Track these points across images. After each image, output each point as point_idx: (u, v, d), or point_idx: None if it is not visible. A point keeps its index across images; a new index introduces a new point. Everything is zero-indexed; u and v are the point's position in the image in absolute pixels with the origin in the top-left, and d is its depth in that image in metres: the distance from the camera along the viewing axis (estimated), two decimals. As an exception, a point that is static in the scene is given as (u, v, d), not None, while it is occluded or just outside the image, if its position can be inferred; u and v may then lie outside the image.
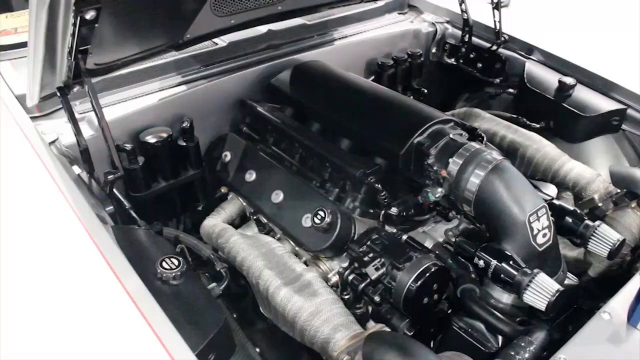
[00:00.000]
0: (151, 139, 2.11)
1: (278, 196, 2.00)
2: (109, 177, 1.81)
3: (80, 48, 1.58)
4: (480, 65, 2.84)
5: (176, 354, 1.20)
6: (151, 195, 2.17)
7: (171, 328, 1.26)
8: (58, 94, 1.78)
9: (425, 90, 2.85)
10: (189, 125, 2.18)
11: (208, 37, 2.20)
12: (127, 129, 2.12)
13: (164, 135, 2.13)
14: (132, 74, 2.22)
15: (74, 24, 1.43)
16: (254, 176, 2.12)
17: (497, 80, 2.80)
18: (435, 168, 1.82)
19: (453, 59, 2.95)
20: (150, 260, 1.51)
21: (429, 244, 1.93)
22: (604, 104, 2.40)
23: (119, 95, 2.19)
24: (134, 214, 1.89)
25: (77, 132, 1.82)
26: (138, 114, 2.15)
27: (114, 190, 1.89)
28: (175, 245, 1.90)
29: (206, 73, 2.36)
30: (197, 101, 2.29)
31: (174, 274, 1.47)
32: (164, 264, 1.49)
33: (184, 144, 2.20)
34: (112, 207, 1.84)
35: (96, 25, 1.48)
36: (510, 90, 2.78)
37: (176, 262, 1.50)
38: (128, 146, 2.03)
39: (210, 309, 1.48)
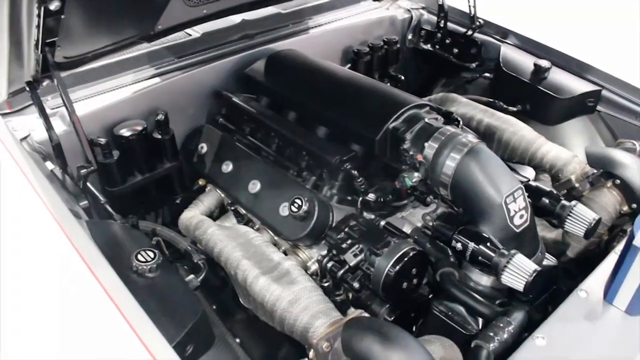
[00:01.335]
0: (125, 133, 2.08)
1: (255, 186, 1.99)
2: (82, 171, 1.78)
3: (47, 40, 1.55)
4: (456, 50, 2.85)
5: (153, 347, 1.18)
6: (127, 189, 2.15)
7: (147, 321, 1.24)
8: (27, 89, 1.75)
9: (403, 77, 2.84)
10: (163, 117, 2.15)
11: (180, 28, 2.17)
12: (100, 123, 2.09)
13: (139, 128, 2.10)
14: (105, 67, 2.19)
15: (39, 15, 1.40)
16: (230, 167, 2.11)
17: (473, 65, 2.81)
18: (411, 153, 1.81)
19: (429, 45, 2.95)
20: (125, 254, 1.49)
21: (407, 229, 1.93)
22: (579, 86, 2.42)
23: (92, 89, 2.16)
24: (109, 208, 1.87)
25: (49, 127, 1.80)
26: (112, 107, 2.12)
27: (88, 184, 1.86)
28: (152, 238, 1.89)
29: (180, 64, 2.33)
30: (172, 93, 2.27)
31: (149, 267, 1.46)
32: (139, 256, 1.47)
33: (159, 136, 2.17)
34: (86, 201, 1.81)
35: (62, 16, 1.45)
36: (487, 74, 2.79)
37: (152, 255, 1.49)
38: (102, 140, 2.00)
39: (188, 301, 1.47)
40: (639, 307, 1.40)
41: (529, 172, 2.35)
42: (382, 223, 1.86)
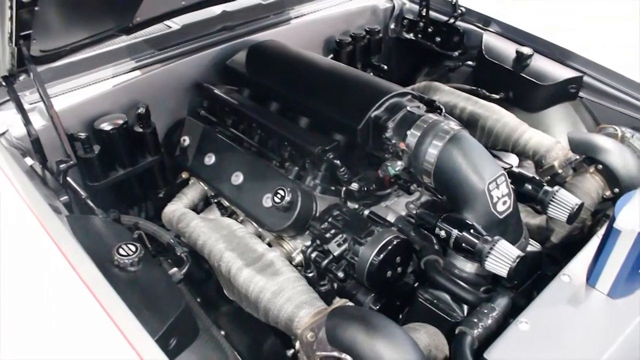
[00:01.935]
0: (106, 127, 2.06)
1: (238, 178, 1.98)
2: (61, 166, 1.76)
3: (22, 33, 1.53)
4: (439, 39, 2.84)
5: (135, 341, 1.17)
6: (109, 183, 2.13)
7: (129, 315, 1.23)
8: (3, 83, 1.73)
9: (385, 67, 2.83)
10: (144, 110, 2.13)
11: (159, 20, 2.15)
12: (80, 117, 2.07)
13: (119, 122, 2.08)
14: (84, 61, 2.17)
15: (11, 7, 1.37)
16: (213, 159, 2.10)
17: (456, 53, 2.80)
18: (393, 141, 1.81)
19: (411, 34, 2.94)
20: (106, 248, 1.47)
21: (391, 218, 1.93)
22: (561, 72, 2.42)
23: (71, 83, 2.14)
24: (90, 203, 1.85)
25: (27, 122, 1.77)
26: (91, 101, 2.10)
27: (69, 179, 1.84)
28: (134, 232, 1.87)
29: (160, 57, 2.31)
30: (153, 86, 2.25)
31: (131, 261, 1.44)
32: (120, 250, 1.46)
33: (141, 130, 2.15)
34: (67, 197, 1.79)
35: (36, 8, 1.43)
36: (469, 62, 2.78)
37: (133, 249, 1.47)
38: (82, 135, 1.98)
39: (170, 294, 1.46)
40: (620, 290, 1.41)
41: (512, 159, 2.36)
42: (366, 212, 1.85)
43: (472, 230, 1.64)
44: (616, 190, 2.01)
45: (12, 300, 1.22)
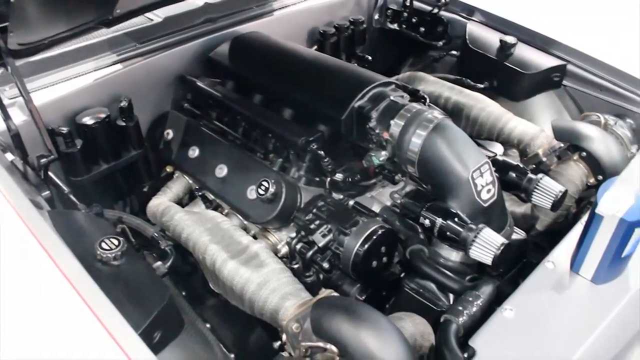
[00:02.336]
0: (88, 121, 2.03)
1: (222, 170, 1.97)
2: (41, 161, 1.74)
3: (-3, 27, 1.51)
4: (423, 29, 2.84)
5: (118, 335, 1.16)
6: (93, 178, 2.10)
7: (112, 309, 1.22)
8: (-20, 78, 1.71)
9: (370, 58, 2.82)
10: (127, 104, 2.10)
11: (140, 12, 2.13)
12: (62, 111, 2.04)
13: (102, 116, 2.05)
14: (65, 55, 2.14)
15: None
16: (197, 152, 2.08)
17: (440, 43, 2.80)
18: (377, 131, 1.80)
19: (396, 25, 2.93)
20: (89, 242, 1.46)
21: (376, 208, 1.92)
22: (544, 61, 2.42)
23: (52, 77, 2.10)
24: (73, 198, 1.83)
25: (6, 117, 1.75)
26: (73, 95, 2.07)
27: (50, 174, 1.82)
28: (117, 226, 1.86)
29: (142, 50, 2.28)
30: (135, 79, 2.22)
31: (114, 255, 1.44)
32: (103, 244, 1.45)
33: (123, 124, 2.13)
34: (48, 192, 1.77)
35: (11, 0, 1.41)
36: (454, 52, 2.79)
37: (116, 242, 1.46)
38: (64, 129, 1.95)
39: (154, 287, 1.45)
40: (604, 276, 1.42)
41: (497, 149, 2.36)
42: (351, 203, 1.85)
43: (456, 219, 1.64)
44: (600, 177, 2.02)
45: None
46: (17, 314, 1.18)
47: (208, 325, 1.82)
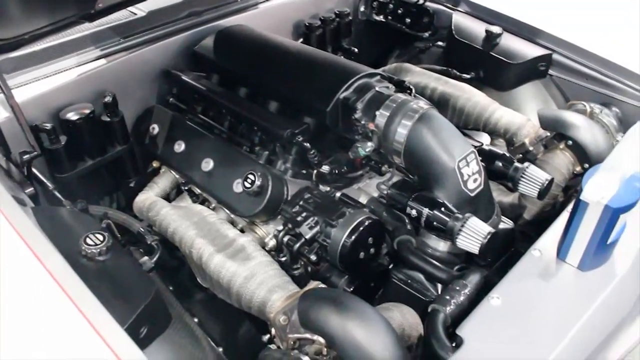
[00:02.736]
0: (72, 116, 2.01)
1: (208, 164, 1.95)
2: (24, 157, 1.72)
3: (-25, 21, 1.49)
4: (409, 20, 2.83)
5: (104, 331, 1.16)
6: (78, 174, 2.09)
7: (97, 304, 1.21)
8: (-39, 74, 1.69)
9: (356, 50, 2.81)
10: (111, 99, 2.09)
11: (123, 6, 2.10)
12: (45, 107, 2.02)
13: (86, 111, 2.03)
14: (47, 50, 2.11)
15: None
16: (183, 146, 2.07)
17: (426, 34, 2.80)
18: (363, 122, 1.80)
19: (382, 16, 2.93)
20: (73, 238, 1.45)
21: (363, 200, 1.92)
22: (530, 51, 2.43)
23: (34, 73, 2.08)
24: (57, 194, 1.82)
25: None
26: (56, 91, 2.05)
27: (34, 171, 1.81)
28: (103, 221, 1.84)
29: (126, 45, 2.26)
30: (119, 74, 2.20)
31: (99, 250, 1.42)
32: (87, 240, 1.43)
33: (108, 119, 2.11)
34: (32, 188, 1.76)
35: (-10, -6, 1.39)
36: (440, 43, 2.78)
37: (101, 238, 1.44)
38: (48, 125, 1.93)
39: (140, 282, 1.44)
40: (590, 263, 1.42)
41: (484, 139, 2.37)
42: (338, 195, 1.84)
43: (443, 209, 1.64)
44: (586, 165, 2.02)
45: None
46: (0, 312, 1.17)
47: (196, 320, 1.81)
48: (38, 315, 1.19)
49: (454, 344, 1.31)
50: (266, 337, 1.62)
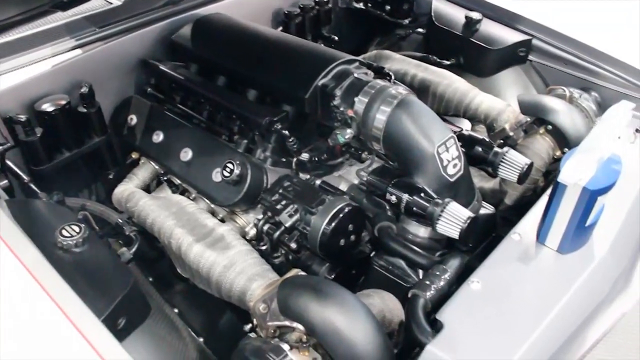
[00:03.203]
0: (48, 108, 1.97)
1: (187, 154, 1.94)
2: (-3, 149, 1.70)
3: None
4: (389, 7, 2.82)
5: (80, 323, 1.15)
6: (56, 167, 2.05)
7: (73, 296, 1.20)
8: None
9: (336, 38, 2.79)
10: (88, 90, 2.05)
11: (96, -6, 2.08)
12: (19, 99, 1.98)
13: (62, 102, 2.00)
14: (20, 41, 2.06)
15: None
16: (161, 137, 2.05)
17: (406, 21, 2.79)
18: (342, 109, 1.78)
19: (361, 4, 2.91)
20: (49, 231, 1.43)
21: (343, 187, 1.91)
22: (510, 36, 2.42)
23: (7, 64, 2.02)
24: (34, 187, 1.79)
25: None
26: (30, 82, 2.01)
27: (9, 163, 1.78)
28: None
29: (102, 34, 2.22)
30: (95, 65, 2.16)
31: (75, 241, 1.41)
32: (63, 232, 1.42)
33: (85, 110, 2.08)
34: (6, 181, 1.73)
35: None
36: (420, 29, 2.77)
37: (77, 229, 1.43)
38: (22, 117, 1.90)
39: (118, 273, 1.43)
40: (569, 246, 1.42)
41: (465, 125, 2.37)
42: (318, 182, 1.83)
43: (422, 194, 1.64)
44: (566, 150, 2.02)
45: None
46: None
47: (176, 310, 1.80)
48: (13, 308, 1.18)
49: (434, 329, 1.31)
50: (248, 327, 1.61)
